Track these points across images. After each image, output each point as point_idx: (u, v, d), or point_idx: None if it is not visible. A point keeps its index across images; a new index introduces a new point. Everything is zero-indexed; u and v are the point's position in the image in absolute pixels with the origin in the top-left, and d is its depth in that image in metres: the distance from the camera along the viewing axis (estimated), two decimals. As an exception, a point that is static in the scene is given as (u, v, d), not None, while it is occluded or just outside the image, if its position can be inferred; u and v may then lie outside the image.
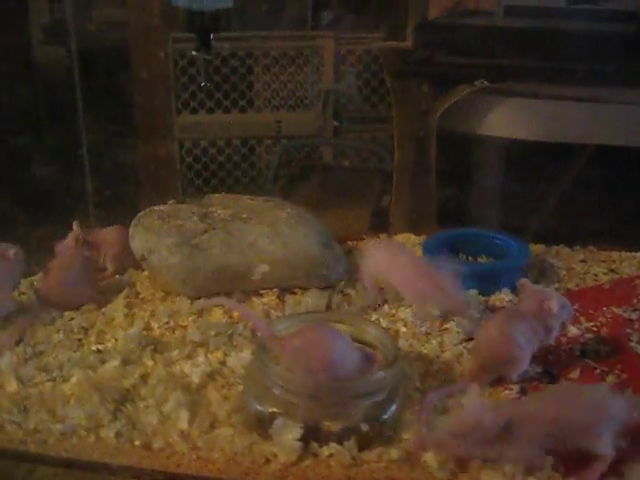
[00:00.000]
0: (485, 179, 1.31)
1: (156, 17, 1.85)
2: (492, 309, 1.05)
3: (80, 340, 1.00)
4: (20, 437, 0.81)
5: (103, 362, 0.94)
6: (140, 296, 1.12)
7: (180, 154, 2.05)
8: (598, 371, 0.90)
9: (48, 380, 0.90)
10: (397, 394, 0.80)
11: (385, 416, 0.78)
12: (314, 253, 1.08)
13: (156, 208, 1.15)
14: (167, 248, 1.06)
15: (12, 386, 0.89)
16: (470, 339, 0.96)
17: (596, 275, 1.17)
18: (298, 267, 1.08)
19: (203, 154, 2.04)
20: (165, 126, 2.02)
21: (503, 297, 1.09)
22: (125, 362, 0.93)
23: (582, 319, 1.01)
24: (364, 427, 0.76)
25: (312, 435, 0.76)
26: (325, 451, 0.76)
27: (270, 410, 0.78)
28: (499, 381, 0.88)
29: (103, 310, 1.07)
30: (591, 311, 1.04)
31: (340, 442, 0.76)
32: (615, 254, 1.25)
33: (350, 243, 1.28)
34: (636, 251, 1.25)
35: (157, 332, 1.02)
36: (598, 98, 1.23)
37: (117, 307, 1.07)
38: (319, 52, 2.08)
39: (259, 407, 0.79)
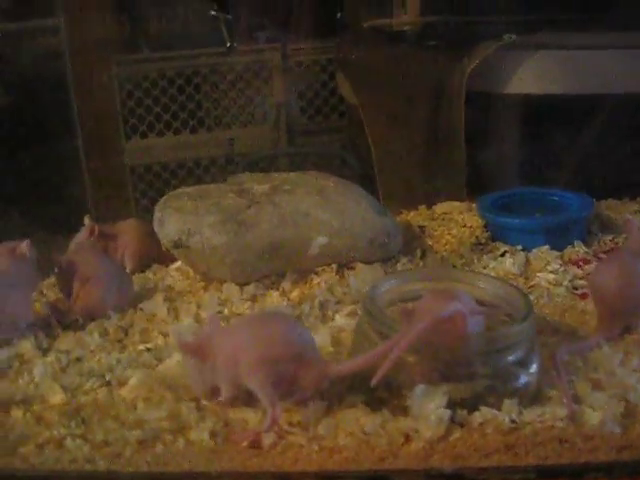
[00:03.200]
0: (519, 140, 1.22)
1: (96, 41, 1.75)
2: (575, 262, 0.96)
3: (121, 341, 0.84)
4: (85, 454, 0.65)
5: (160, 360, 0.78)
6: (176, 289, 0.97)
7: (132, 180, 1.93)
8: None
9: (100, 385, 0.74)
10: (534, 349, 0.69)
11: (532, 371, 0.67)
12: (373, 220, 0.96)
13: (181, 190, 1.01)
14: (210, 227, 0.91)
15: (58, 397, 0.73)
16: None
17: (659, 223, 1.10)
18: (359, 236, 0.95)
19: (156, 179, 1.93)
20: (115, 153, 1.90)
21: (577, 250, 1.00)
22: (186, 357, 0.78)
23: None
24: (524, 380, 0.64)
25: (458, 402, 0.64)
26: (478, 417, 0.63)
27: (400, 379, 0.65)
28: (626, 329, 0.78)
29: (140, 306, 0.91)
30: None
31: (490, 405, 0.64)
32: (666, 203, 1.18)
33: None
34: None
35: (212, 323, 0.87)
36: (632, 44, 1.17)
37: (155, 303, 0.91)
38: (267, 65, 2.01)
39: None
